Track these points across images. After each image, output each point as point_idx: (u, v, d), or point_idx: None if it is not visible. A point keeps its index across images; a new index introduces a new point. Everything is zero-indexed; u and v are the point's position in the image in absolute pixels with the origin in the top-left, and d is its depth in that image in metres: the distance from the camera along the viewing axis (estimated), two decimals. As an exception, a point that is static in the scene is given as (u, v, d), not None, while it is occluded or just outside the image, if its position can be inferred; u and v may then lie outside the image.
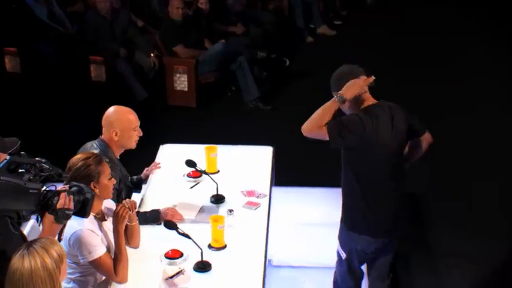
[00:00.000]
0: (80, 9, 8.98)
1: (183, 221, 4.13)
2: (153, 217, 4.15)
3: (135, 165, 4.82)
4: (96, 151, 4.10)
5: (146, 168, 4.74)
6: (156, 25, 8.87)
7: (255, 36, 9.19)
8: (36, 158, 3.18)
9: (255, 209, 4.32)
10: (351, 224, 4.04)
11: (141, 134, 4.28)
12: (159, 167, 4.78)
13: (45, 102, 7.99)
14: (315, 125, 3.83)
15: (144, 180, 4.68)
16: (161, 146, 5.09)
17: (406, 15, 11.42)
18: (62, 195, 3.08)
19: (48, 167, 3.15)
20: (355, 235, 4.03)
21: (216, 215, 4.03)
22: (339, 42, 10.46)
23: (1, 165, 3.00)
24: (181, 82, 8.14)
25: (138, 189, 4.62)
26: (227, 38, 8.62)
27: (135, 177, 4.63)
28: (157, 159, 4.94)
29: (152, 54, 8.39)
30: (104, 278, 3.68)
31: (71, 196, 3.13)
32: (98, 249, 3.53)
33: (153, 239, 3.99)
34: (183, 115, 7.98)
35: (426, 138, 4.11)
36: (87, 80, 8.22)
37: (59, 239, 3.34)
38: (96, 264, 3.54)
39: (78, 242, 3.49)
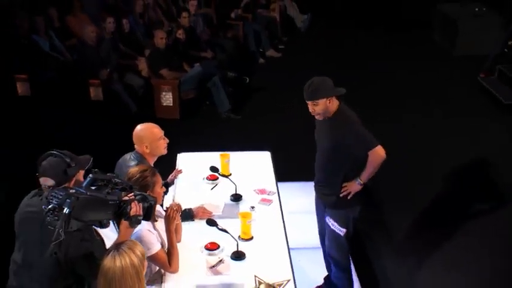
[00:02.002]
0: (75, 42, 8.60)
1: (212, 217, 3.97)
2: (187, 215, 3.98)
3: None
4: (133, 162, 3.92)
5: (171, 174, 4.55)
6: (140, 52, 8.64)
7: (221, 59, 9.05)
8: (108, 174, 3.02)
9: (269, 205, 4.19)
10: (346, 203, 3.99)
11: (168, 141, 4.10)
12: (181, 172, 4.60)
13: (52, 120, 7.64)
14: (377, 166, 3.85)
15: (170, 184, 4.49)
16: (178, 155, 4.90)
17: (330, 37, 11.59)
18: (133, 203, 2.93)
19: (120, 180, 2.99)
20: (350, 210, 4.03)
21: (244, 211, 3.89)
22: (284, 62, 10.46)
23: (86, 182, 2.82)
24: (167, 99, 7.92)
25: (165, 192, 4.42)
26: (200, 62, 8.44)
27: (162, 181, 4.43)
28: (178, 166, 4.75)
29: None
30: (157, 269, 3.51)
31: (140, 204, 2.98)
32: (155, 245, 3.36)
33: (190, 234, 3.82)
34: (169, 125, 7.71)
35: None
36: (87, 99, 7.90)
37: None
38: (153, 258, 3.36)
39: (138, 240, 3.26)
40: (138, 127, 4.07)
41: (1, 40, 7.97)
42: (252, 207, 4.06)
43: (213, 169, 4.33)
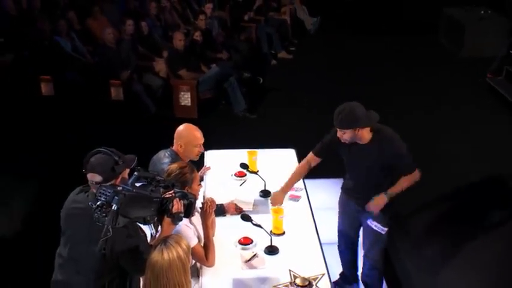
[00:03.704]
0: (95, 46, 8.55)
1: (243, 212, 3.92)
2: (219, 210, 3.92)
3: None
4: (167, 159, 3.87)
5: (200, 171, 4.48)
6: (158, 54, 8.60)
7: (236, 60, 8.99)
8: (151, 172, 2.98)
9: (298, 200, 4.15)
10: (387, 204, 3.89)
11: (203, 150, 4.03)
12: (210, 169, 4.55)
13: (74, 119, 7.61)
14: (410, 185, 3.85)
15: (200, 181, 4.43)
16: (205, 152, 4.81)
17: (339, 39, 11.55)
18: (175, 201, 2.88)
19: (162, 178, 2.95)
20: (391, 207, 3.93)
21: (276, 207, 3.82)
22: (294, 63, 10.40)
23: (131, 180, 2.78)
24: (185, 99, 7.86)
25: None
26: (217, 63, 8.39)
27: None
28: (205, 163, 4.69)
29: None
30: (193, 262, 3.45)
31: (182, 201, 2.93)
32: (192, 240, 3.30)
33: (222, 229, 3.77)
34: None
35: None
36: (108, 99, 7.86)
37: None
38: (191, 252, 3.31)
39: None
40: (182, 125, 4.02)
41: (25, 42, 7.95)
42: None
43: (244, 166, 4.28)
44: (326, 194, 5.23)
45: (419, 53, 10.59)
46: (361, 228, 4.15)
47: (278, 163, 4.67)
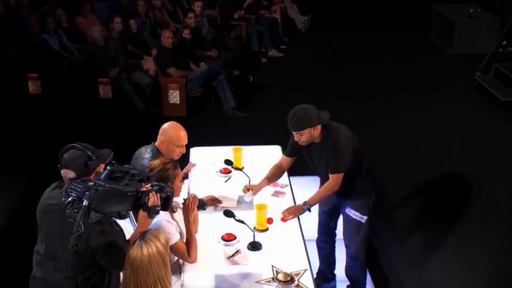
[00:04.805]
0: (84, 44, 8.52)
1: (222, 205, 3.92)
2: (200, 204, 3.88)
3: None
4: (148, 155, 3.85)
5: (185, 168, 4.47)
6: (147, 52, 8.57)
7: (226, 58, 8.96)
8: (125, 166, 2.93)
9: (282, 197, 4.13)
10: (365, 193, 3.98)
11: (184, 152, 4.01)
12: (195, 166, 4.53)
13: (62, 117, 7.56)
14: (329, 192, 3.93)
15: (184, 178, 4.39)
16: (191, 149, 4.80)
17: (329, 37, 11.54)
18: (151, 194, 2.84)
19: (137, 172, 2.91)
20: (369, 198, 4.00)
21: (260, 203, 3.80)
22: (285, 61, 10.37)
23: (104, 174, 2.74)
24: (174, 97, 7.83)
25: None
26: (206, 61, 8.37)
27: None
28: (191, 159, 4.67)
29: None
30: (175, 259, 3.43)
31: (158, 194, 2.89)
32: (174, 236, 3.28)
33: (206, 225, 3.74)
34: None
35: None
36: (96, 97, 7.83)
37: None
38: (173, 248, 3.27)
39: None
40: (168, 122, 3.99)
41: (12, 39, 7.91)
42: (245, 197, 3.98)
43: (228, 162, 4.26)
44: (311, 191, 5.13)
45: (412, 50, 10.57)
46: (341, 220, 4.17)
47: (264, 159, 4.63)
